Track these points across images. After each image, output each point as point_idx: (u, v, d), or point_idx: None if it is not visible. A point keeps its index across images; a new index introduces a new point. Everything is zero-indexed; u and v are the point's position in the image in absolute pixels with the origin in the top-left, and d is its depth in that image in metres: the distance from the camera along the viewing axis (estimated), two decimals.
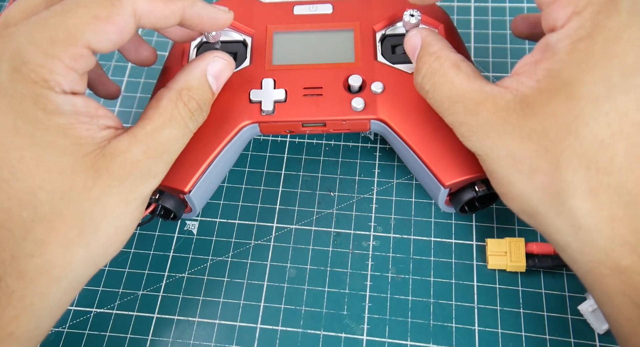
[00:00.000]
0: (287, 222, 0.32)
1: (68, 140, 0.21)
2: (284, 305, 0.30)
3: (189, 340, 0.29)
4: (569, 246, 0.22)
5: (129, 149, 0.23)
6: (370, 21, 0.31)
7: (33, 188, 0.21)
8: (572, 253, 0.22)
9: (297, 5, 0.32)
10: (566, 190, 0.21)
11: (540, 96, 0.21)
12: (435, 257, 0.31)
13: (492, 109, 0.22)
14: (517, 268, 0.29)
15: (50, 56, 0.21)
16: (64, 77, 0.21)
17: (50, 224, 0.21)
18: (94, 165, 0.22)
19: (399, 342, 0.29)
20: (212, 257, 0.31)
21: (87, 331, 0.30)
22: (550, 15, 0.22)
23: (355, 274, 0.31)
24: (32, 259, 0.21)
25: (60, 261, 0.22)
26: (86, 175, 0.22)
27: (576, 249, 0.22)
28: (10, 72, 0.21)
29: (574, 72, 0.21)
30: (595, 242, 0.21)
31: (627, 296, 0.21)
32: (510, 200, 0.24)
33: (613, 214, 0.21)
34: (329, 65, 0.30)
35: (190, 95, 0.25)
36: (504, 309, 0.29)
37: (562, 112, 0.21)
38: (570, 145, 0.21)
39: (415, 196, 0.33)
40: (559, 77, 0.21)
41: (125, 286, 0.31)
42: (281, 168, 0.34)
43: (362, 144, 0.35)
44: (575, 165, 0.21)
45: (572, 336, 0.28)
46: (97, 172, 0.22)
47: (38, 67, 0.21)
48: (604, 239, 0.21)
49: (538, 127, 0.21)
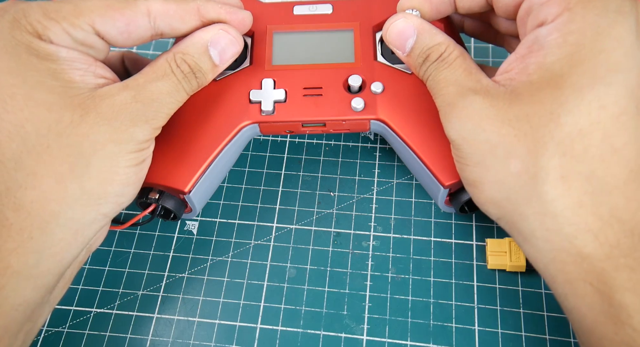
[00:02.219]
0: (287, 222, 0.32)
1: (58, 82, 0.23)
2: (284, 305, 0.30)
3: (189, 340, 0.29)
4: (533, 234, 0.22)
5: (119, 92, 0.24)
6: (370, 21, 0.31)
7: (21, 120, 0.22)
8: (537, 242, 0.22)
9: (297, 5, 0.32)
10: (539, 175, 0.22)
11: (531, 87, 0.22)
12: (435, 257, 0.31)
13: (482, 95, 0.23)
14: (517, 268, 0.29)
15: (50, 17, 0.23)
16: (57, 36, 0.23)
17: (39, 156, 0.22)
18: (81, 103, 0.23)
19: (399, 342, 0.29)
20: (212, 257, 0.31)
21: (87, 331, 0.30)
22: (541, 10, 0.23)
23: (355, 274, 0.31)
24: (26, 191, 0.22)
25: (54, 195, 0.22)
26: (73, 112, 0.23)
27: (541, 237, 0.22)
28: (11, 21, 0.23)
29: (564, 65, 0.22)
30: (560, 228, 0.21)
31: (589, 283, 0.21)
32: (479, 188, 0.24)
33: (580, 201, 0.21)
34: (328, 66, 0.30)
35: (184, 58, 0.25)
36: (504, 309, 0.29)
37: (548, 99, 0.22)
38: (551, 131, 0.21)
39: (415, 196, 0.33)
40: (551, 69, 0.22)
41: (125, 286, 0.31)
42: (281, 168, 0.34)
43: (362, 144, 0.35)
44: (551, 151, 0.21)
45: (572, 336, 0.28)
46: (84, 110, 0.23)
47: (35, 21, 0.23)
48: (569, 225, 0.21)
49: (521, 113, 0.22)
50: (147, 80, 0.24)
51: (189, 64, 0.25)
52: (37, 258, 0.22)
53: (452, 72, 0.24)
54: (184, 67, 0.25)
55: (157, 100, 0.24)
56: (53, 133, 0.22)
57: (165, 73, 0.25)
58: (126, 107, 0.23)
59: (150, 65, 0.25)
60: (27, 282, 0.22)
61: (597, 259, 0.21)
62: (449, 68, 0.25)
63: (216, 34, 0.26)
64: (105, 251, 0.32)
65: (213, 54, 0.26)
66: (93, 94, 0.23)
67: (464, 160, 0.24)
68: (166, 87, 0.25)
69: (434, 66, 0.25)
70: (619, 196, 0.21)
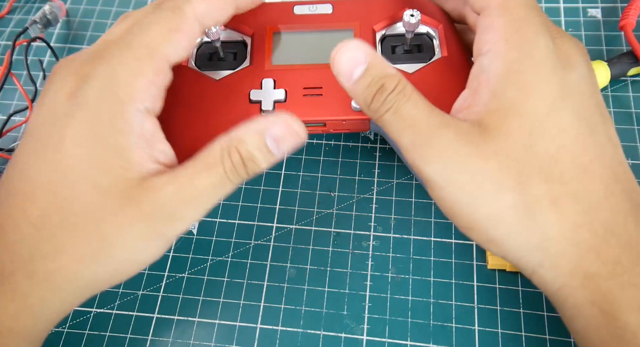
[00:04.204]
0: (287, 222, 0.32)
1: (119, 161, 0.22)
2: (284, 305, 0.30)
3: (189, 340, 0.29)
4: (541, 265, 0.22)
5: (163, 188, 0.22)
6: (370, 21, 0.31)
7: (73, 198, 0.22)
8: (544, 272, 0.22)
9: (297, 5, 0.32)
10: (534, 204, 0.22)
11: (493, 116, 0.22)
12: (435, 257, 0.31)
13: (455, 132, 0.22)
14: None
15: (136, 74, 0.23)
16: (146, 93, 0.23)
17: (72, 235, 0.22)
18: (129, 194, 0.22)
19: (399, 342, 0.29)
20: (212, 257, 0.31)
21: (87, 331, 0.30)
22: (480, 38, 0.24)
23: (355, 274, 0.31)
24: (45, 263, 0.22)
25: (68, 272, 0.22)
26: (119, 201, 0.22)
27: (548, 266, 0.22)
28: (99, 89, 0.23)
29: (515, 92, 0.22)
30: (564, 252, 0.22)
31: (596, 305, 0.21)
32: (475, 229, 0.23)
33: (575, 221, 0.22)
34: (329, 66, 0.30)
35: (237, 147, 0.23)
36: (504, 309, 0.29)
37: (516, 130, 0.22)
38: (529, 161, 0.22)
39: (415, 196, 0.33)
40: (504, 96, 0.22)
41: (125, 286, 0.31)
42: (281, 168, 0.34)
43: (362, 144, 0.35)
44: (537, 180, 0.22)
45: (572, 335, 0.28)
46: (129, 200, 0.22)
47: (125, 85, 0.23)
48: (571, 246, 0.22)
49: (498, 148, 0.22)
50: (195, 171, 0.23)
51: (242, 155, 0.23)
52: (34, 323, 0.23)
53: (415, 107, 0.23)
54: (235, 157, 0.23)
55: (199, 197, 0.23)
56: (93, 218, 0.22)
57: (214, 163, 0.23)
58: (165, 207, 0.22)
59: (204, 150, 0.24)
60: (24, 340, 0.23)
61: (603, 278, 0.21)
62: (409, 102, 0.23)
63: (276, 123, 0.23)
64: None
65: (270, 144, 0.23)
66: (141, 184, 0.22)
67: (451, 203, 0.23)
68: (211, 180, 0.23)
69: (393, 98, 0.23)
70: (604, 211, 0.22)
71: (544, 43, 0.23)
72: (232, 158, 0.23)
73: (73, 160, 0.22)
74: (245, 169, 0.23)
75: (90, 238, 0.22)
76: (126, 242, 0.23)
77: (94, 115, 0.22)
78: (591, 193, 0.22)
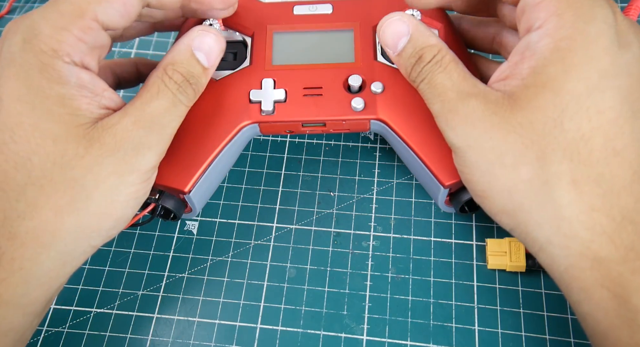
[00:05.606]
0: (287, 222, 0.32)
1: (65, 109, 0.22)
2: (284, 305, 0.30)
3: (189, 340, 0.29)
4: (550, 241, 0.22)
5: (119, 121, 0.23)
6: (370, 21, 0.31)
7: (28, 152, 0.22)
8: (553, 250, 0.22)
9: (297, 5, 0.32)
10: (551, 181, 0.22)
11: (527, 91, 0.22)
12: (435, 257, 0.31)
13: (483, 101, 0.23)
14: (517, 268, 0.29)
15: (60, 28, 0.23)
16: (73, 47, 0.23)
17: (42, 189, 0.22)
18: (86, 135, 0.23)
19: (399, 342, 0.29)
20: (212, 257, 0.31)
21: (87, 331, 0.30)
22: (531, 16, 0.23)
23: (355, 274, 0.31)
24: (24, 222, 0.22)
25: (50, 227, 0.22)
26: (78, 144, 0.22)
27: (557, 244, 0.22)
28: (21, 43, 0.22)
29: (558, 69, 0.22)
30: (576, 233, 0.22)
31: (606, 288, 0.21)
32: (489, 198, 0.24)
33: (593, 204, 0.21)
34: (328, 65, 0.30)
35: (174, 68, 0.25)
36: (504, 309, 0.29)
37: (549, 106, 0.22)
38: (556, 137, 0.22)
39: (415, 196, 0.33)
40: (544, 73, 0.22)
41: (125, 286, 0.31)
42: (281, 168, 0.34)
43: (362, 144, 0.35)
44: (560, 157, 0.22)
45: (572, 336, 0.28)
46: (89, 141, 0.23)
47: (47, 37, 0.22)
48: (584, 229, 0.21)
49: (524, 120, 0.22)
50: (144, 102, 0.24)
51: (181, 73, 0.25)
52: (26, 288, 0.22)
53: (448, 76, 0.24)
54: (176, 76, 0.25)
55: (157, 121, 0.24)
56: (57, 166, 0.22)
57: (158, 90, 0.24)
58: (128, 136, 0.23)
59: (144, 85, 0.25)
60: (16, 310, 0.22)
61: (614, 263, 0.21)
62: (444, 72, 0.24)
63: (197, 36, 0.25)
64: (105, 251, 0.32)
65: (200, 58, 0.25)
66: (96, 125, 0.23)
67: (470, 169, 0.24)
68: (162, 104, 0.24)
69: (428, 68, 0.24)
70: (627, 197, 0.21)
71: (602, 17, 0.22)
72: (174, 78, 0.24)
73: (18, 117, 0.22)
74: (191, 87, 0.25)
75: (62, 187, 0.22)
76: (100, 182, 0.23)
77: (22, 69, 0.22)
78: (616, 178, 0.21)
